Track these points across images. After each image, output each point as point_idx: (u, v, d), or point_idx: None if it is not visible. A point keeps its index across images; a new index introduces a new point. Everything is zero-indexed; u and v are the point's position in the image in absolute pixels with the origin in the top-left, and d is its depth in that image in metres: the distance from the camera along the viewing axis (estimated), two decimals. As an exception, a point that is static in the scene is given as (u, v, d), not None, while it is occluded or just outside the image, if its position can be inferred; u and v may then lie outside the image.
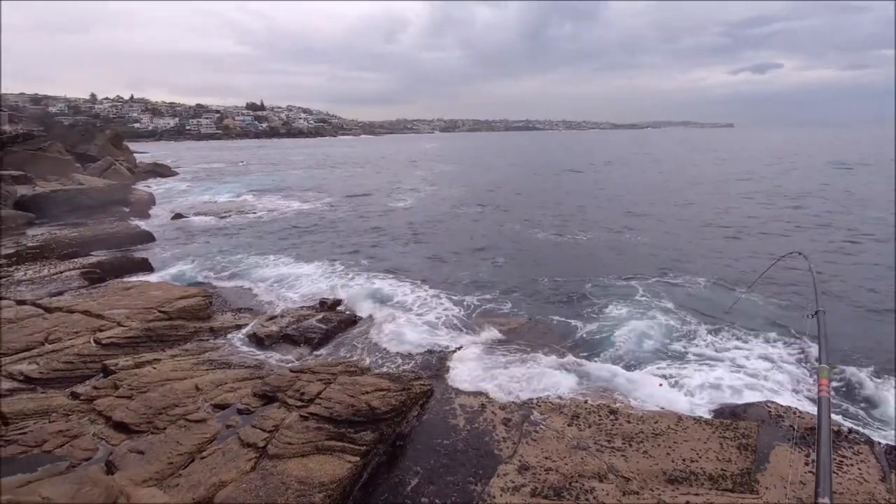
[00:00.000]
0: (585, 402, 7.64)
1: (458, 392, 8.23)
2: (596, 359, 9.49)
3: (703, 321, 11.01)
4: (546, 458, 6.38)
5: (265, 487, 5.33)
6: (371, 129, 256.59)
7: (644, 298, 12.46)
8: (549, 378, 8.74)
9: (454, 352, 9.73)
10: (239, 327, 10.76)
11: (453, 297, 12.80)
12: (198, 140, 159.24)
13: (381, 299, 12.76)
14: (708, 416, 7.44)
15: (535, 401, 7.87)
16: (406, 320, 11.33)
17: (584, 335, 10.53)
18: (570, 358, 9.50)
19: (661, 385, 8.33)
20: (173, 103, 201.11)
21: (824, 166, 47.63)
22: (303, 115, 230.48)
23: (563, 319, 11.32)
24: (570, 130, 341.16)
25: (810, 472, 5.86)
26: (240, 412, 7.02)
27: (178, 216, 25.30)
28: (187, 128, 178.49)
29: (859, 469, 5.86)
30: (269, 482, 5.43)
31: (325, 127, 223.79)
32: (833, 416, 7.32)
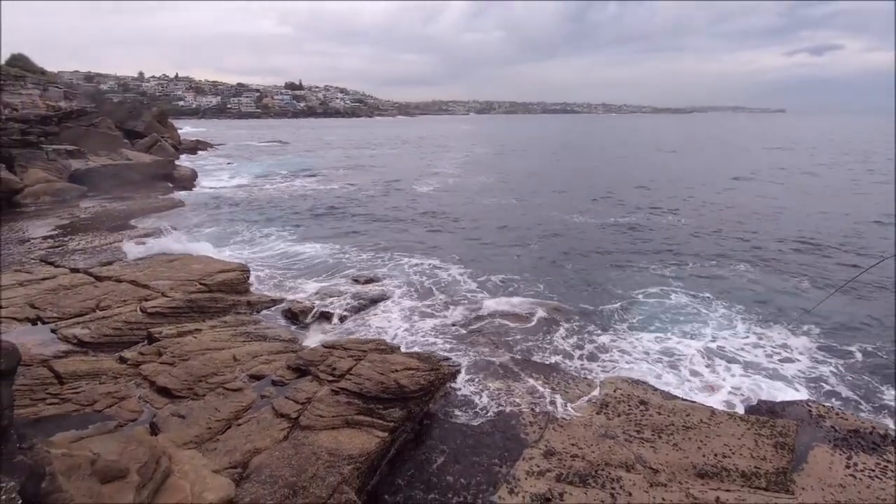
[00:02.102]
0: (615, 391, 7.54)
1: (487, 374, 8.26)
2: (629, 348, 9.33)
3: (748, 314, 10.63)
4: (573, 444, 6.35)
5: (297, 456, 5.53)
6: (406, 109, 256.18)
7: (683, 288, 12.12)
8: (578, 364, 8.68)
9: (482, 335, 9.75)
10: (274, 302, 11.08)
11: (485, 280, 12.78)
12: (238, 118, 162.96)
13: (412, 279, 12.88)
14: (742, 412, 7.23)
15: (562, 386, 7.83)
16: (436, 301, 11.41)
17: (618, 322, 10.35)
18: (600, 345, 9.39)
19: (712, 388, 8.07)
20: (216, 82, 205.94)
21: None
22: (340, 96, 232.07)
23: (595, 305, 11.14)
24: (609, 114, 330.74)
25: (851, 475, 5.64)
26: (274, 383, 7.26)
27: (217, 193, 26.10)
28: (228, 106, 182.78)
29: (905, 475, 5.59)
30: (301, 452, 5.62)
31: (361, 107, 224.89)
32: (884, 420, 7.01)
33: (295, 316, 10.34)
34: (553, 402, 7.40)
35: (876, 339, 9.65)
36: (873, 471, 5.67)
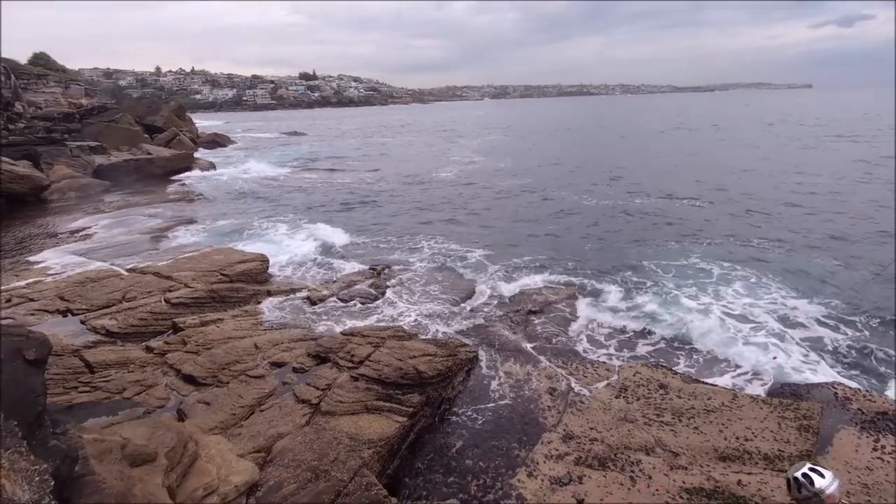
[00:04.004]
0: (634, 375, 7.48)
1: (505, 359, 8.28)
2: (650, 329, 9.23)
3: (773, 294, 10.40)
4: (591, 428, 6.35)
5: (318, 441, 5.64)
6: (420, 96, 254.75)
7: (704, 267, 11.91)
8: (597, 348, 8.63)
9: (501, 320, 9.75)
10: (293, 290, 11.24)
11: (501, 266, 12.74)
12: (254, 110, 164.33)
13: (431, 265, 12.92)
14: (765, 395, 7.11)
15: (581, 371, 7.81)
16: (452, 287, 11.43)
17: (638, 304, 10.21)
18: (619, 327, 9.31)
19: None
20: (231, 75, 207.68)
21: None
22: (353, 84, 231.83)
23: (614, 288, 11.01)
24: (627, 95, 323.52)
25: (879, 457, 5.52)
26: (295, 370, 7.40)
27: (236, 185, 26.46)
28: (244, 98, 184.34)
29: (936, 458, 5.46)
30: (323, 436, 5.73)
31: (375, 95, 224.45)
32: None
33: (314, 304, 10.48)
34: (572, 387, 7.39)
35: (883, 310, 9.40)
36: (902, 453, 5.54)
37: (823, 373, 7.64)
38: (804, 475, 2.63)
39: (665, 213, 17.95)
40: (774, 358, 7.99)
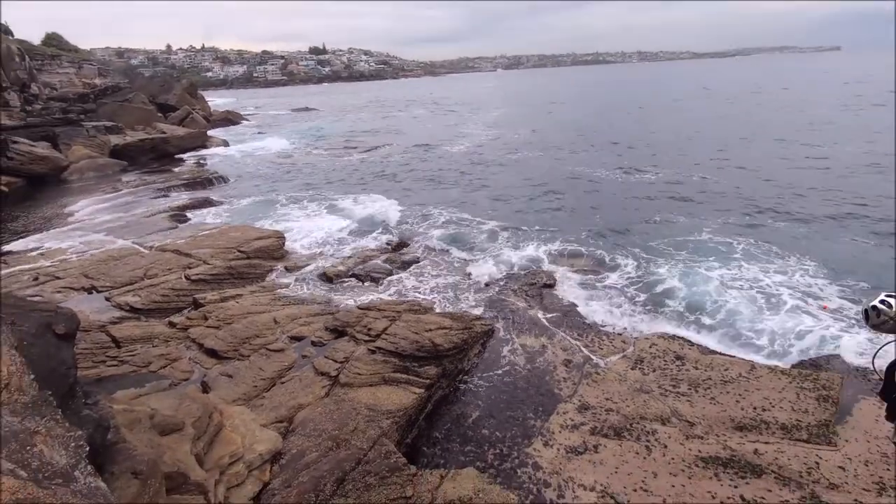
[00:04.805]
0: (651, 346, 7.48)
1: (520, 332, 8.32)
2: (666, 301, 9.16)
3: (791, 266, 10.22)
4: (607, 399, 6.39)
5: (338, 411, 5.79)
6: (432, 69, 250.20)
7: (725, 241, 11.71)
8: (612, 319, 8.61)
9: (515, 292, 9.76)
10: (310, 266, 11.38)
11: (516, 238, 12.69)
12: (265, 87, 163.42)
13: (446, 239, 12.92)
14: (785, 366, 7.06)
15: (597, 343, 7.82)
16: (467, 261, 11.45)
17: (654, 275, 10.12)
18: (634, 298, 9.27)
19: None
20: (241, 51, 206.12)
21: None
22: (364, 58, 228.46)
23: (628, 259, 10.92)
24: (645, 62, 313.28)
25: (900, 427, 5.47)
26: (313, 344, 7.55)
27: (249, 161, 26.58)
28: (255, 75, 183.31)
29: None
30: (342, 407, 5.87)
31: (386, 69, 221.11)
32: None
33: (330, 280, 10.60)
34: (588, 359, 7.43)
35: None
36: (924, 423, 5.48)
37: (845, 346, 7.52)
38: (882, 301, 2.86)
39: (682, 184, 17.58)
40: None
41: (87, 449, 2.16)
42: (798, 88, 58.38)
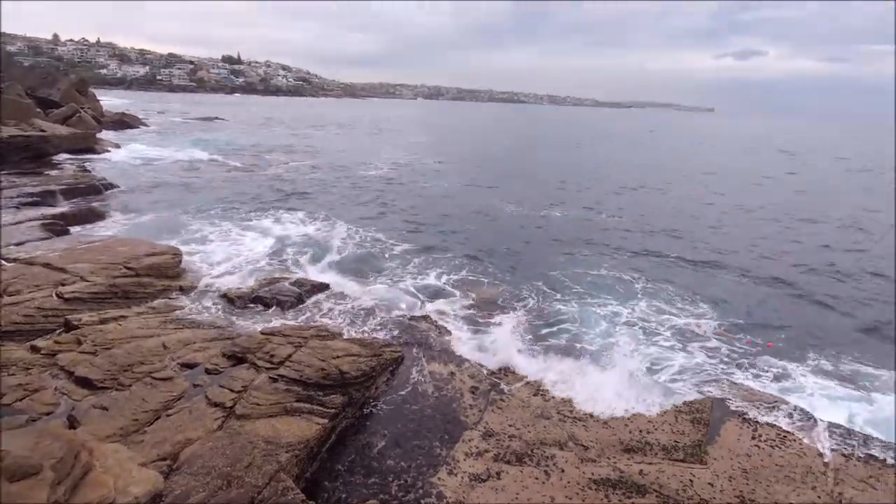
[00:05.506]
0: (551, 372, 7.86)
1: (429, 359, 8.35)
2: (561, 334, 9.69)
3: (673, 304, 11.35)
4: (510, 425, 6.59)
5: (231, 446, 5.37)
6: (353, 91, 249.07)
7: (619, 278, 12.74)
8: (519, 346, 8.92)
9: (425, 319, 9.82)
10: (209, 287, 10.59)
11: (426, 264, 12.86)
12: (169, 91, 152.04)
13: (356, 264, 12.73)
14: (665, 390, 7.75)
15: (503, 370, 8.08)
16: (377, 287, 11.34)
17: (556, 303, 10.72)
18: (536, 326, 9.72)
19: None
20: (143, 50, 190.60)
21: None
22: (282, 73, 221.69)
23: (535, 291, 11.49)
24: (554, 105, 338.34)
25: (756, 445, 6.23)
26: (208, 372, 6.98)
27: (145, 171, 24.39)
28: (158, 77, 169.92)
29: (800, 444, 6.26)
30: (236, 441, 5.46)
31: (305, 86, 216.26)
32: (786, 394, 7.74)
33: (232, 302, 9.95)
34: (494, 385, 7.63)
35: (776, 319, 10.67)
36: (774, 440, 6.30)
37: (714, 373, 8.44)
38: None
39: (585, 221, 19.00)
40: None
41: None
42: (685, 141, 66.29)
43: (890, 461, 5.99)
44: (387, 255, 13.62)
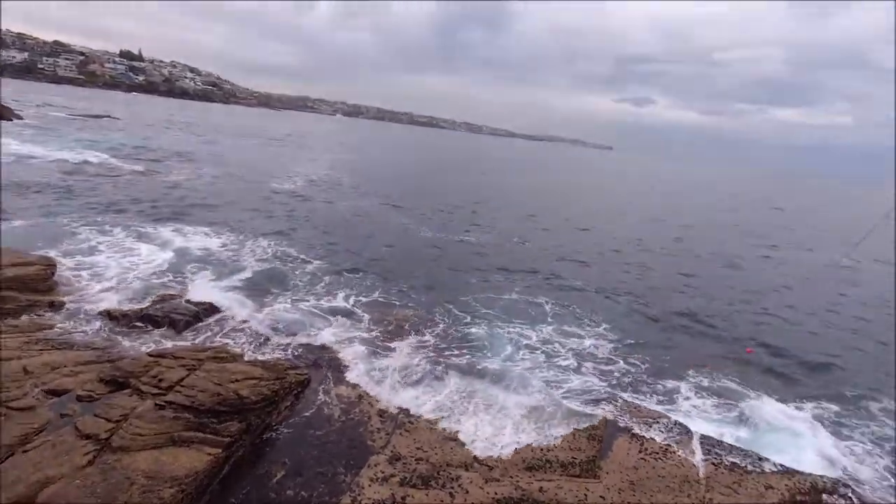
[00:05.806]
0: (459, 394, 7.98)
1: (337, 382, 8.10)
2: (469, 356, 9.86)
3: (578, 324, 12.08)
4: (418, 448, 6.55)
5: (104, 483, 4.78)
6: (268, 101, 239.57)
7: (524, 300, 13.32)
8: (426, 368, 8.95)
9: (334, 341, 9.53)
10: (88, 303, 9.46)
11: (335, 284, 12.57)
12: (53, 83, 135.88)
13: (261, 283, 12.08)
14: (566, 409, 8.18)
15: (411, 392, 8.04)
16: (284, 307, 10.85)
17: (465, 332, 10.94)
18: (445, 349, 9.84)
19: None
20: (22, 34, 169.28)
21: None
22: (189, 75, 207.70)
23: (444, 313, 11.66)
24: (472, 133, 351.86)
25: (642, 458, 6.75)
26: (80, 399, 6.19)
27: (19, 169, 21.40)
28: (40, 66, 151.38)
29: (679, 456, 6.89)
30: (110, 477, 4.87)
31: (216, 92, 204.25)
32: (668, 409, 8.48)
33: (116, 320, 8.96)
34: (401, 408, 7.56)
35: (665, 340, 11.78)
36: (657, 453, 6.88)
37: (608, 392, 9.07)
38: None
39: (497, 246, 19.72)
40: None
41: None
42: (592, 177, 71.77)
43: (749, 468, 6.79)
44: (296, 274, 13.10)
